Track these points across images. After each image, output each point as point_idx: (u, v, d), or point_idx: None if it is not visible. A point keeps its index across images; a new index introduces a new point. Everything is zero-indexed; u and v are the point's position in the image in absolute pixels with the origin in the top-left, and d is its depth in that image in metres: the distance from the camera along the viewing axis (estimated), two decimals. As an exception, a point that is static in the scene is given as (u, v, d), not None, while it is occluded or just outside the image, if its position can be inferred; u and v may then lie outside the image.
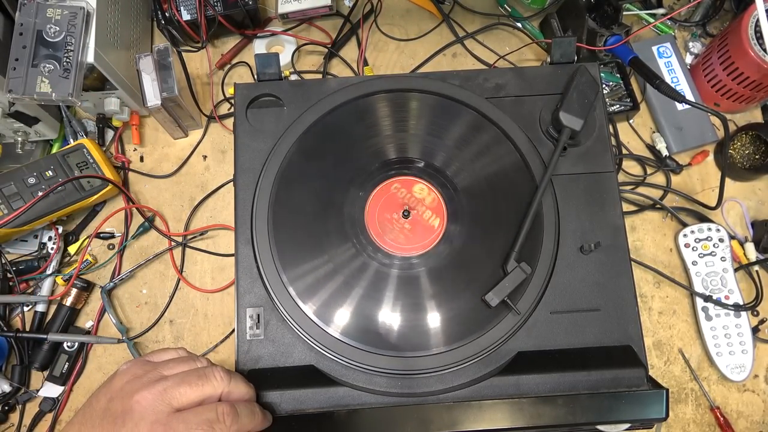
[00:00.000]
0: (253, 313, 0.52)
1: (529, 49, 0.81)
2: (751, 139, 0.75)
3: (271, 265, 0.53)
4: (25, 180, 0.67)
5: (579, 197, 0.55)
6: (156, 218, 0.73)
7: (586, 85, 0.55)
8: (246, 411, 0.44)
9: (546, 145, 0.57)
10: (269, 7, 0.82)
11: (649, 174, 0.75)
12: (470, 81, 0.59)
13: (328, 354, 0.51)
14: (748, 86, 0.71)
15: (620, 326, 0.52)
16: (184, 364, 0.45)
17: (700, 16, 0.80)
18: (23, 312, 0.69)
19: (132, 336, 0.69)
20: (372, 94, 0.58)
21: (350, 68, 0.79)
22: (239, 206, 0.55)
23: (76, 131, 0.73)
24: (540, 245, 0.53)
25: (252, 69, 0.79)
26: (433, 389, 0.50)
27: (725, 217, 0.74)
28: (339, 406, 0.49)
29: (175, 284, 0.71)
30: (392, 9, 0.82)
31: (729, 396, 0.69)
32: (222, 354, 0.69)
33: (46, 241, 0.71)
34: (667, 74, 0.77)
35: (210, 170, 0.75)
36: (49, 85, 0.59)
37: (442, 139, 0.57)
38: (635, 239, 0.73)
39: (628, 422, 0.48)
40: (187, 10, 0.74)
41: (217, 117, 0.76)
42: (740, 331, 0.68)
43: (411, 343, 0.51)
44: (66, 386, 0.68)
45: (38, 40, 0.59)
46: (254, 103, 0.58)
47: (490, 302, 0.50)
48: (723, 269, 0.70)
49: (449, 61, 0.81)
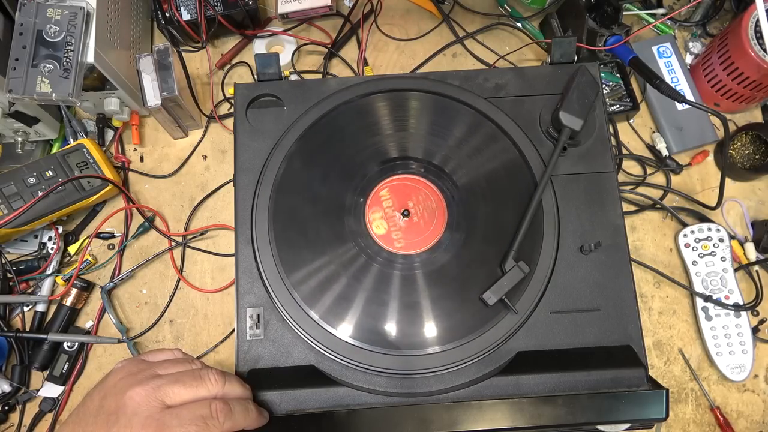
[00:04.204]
0: (253, 313, 0.52)
1: (529, 49, 0.81)
2: (751, 139, 0.75)
3: (271, 265, 0.53)
4: (25, 180, 0.67)
5: (579, 197, 0.55)
6: (156, 218, 0.73)
7: (586, 85, 0.55)
8: (240, 408, 0.44)
9: (546, 145, 0.57)
10: (269, 7, 0.82)
11: (649, 174, 0.75)
12: (470, 81, 0.59)
13: (328, 354, 0.51)
14: (748, 86, 0.71)
15: (620, 326, 0.52)
16: (179, 365, 0.46)
17: (700, 16, 0.80)
18: (23, 312, 0.69)
19: (132, 336, 0.69)
20: (372, 94, 0.58)
21: (350, 68, 0.79)
22: (239, 206, 0.55)
23: (76, 131, 0.73)
24: (540, 245, 0.53)
25: (252, 69, 0.79)
26: (433, 389, 0.50)
27: (725, 217, 0.74)
28: (339, 406, 0.49)
29: (175, 284, 0.71)
30: (392, 9, 0.82)
31: (729, 396, 0.69)
32: (222, 354, 0.69)
33: (46, 241, 0.71)
34: (667, 74, 0.77)
35: (210, 170, 0.75)
36: (49, 85, 0.59)
37: (443, 138, 0.57)
38: (635, 239, 0.73)
39: (628, 422, 0.48)
40: (187, 10, 0.74)
41: (217, 117, 0.76)
42: (740, 331, 0.68)
43: (411, 342, 0.51)
44: (66, 386, 0.68)
45: (38, 40, 0.59)
46: (254, 103, 0.58)
47: (488, 301, 0.50)
48: (723, 269, 0.70)
49: (449, 61, 0.81)
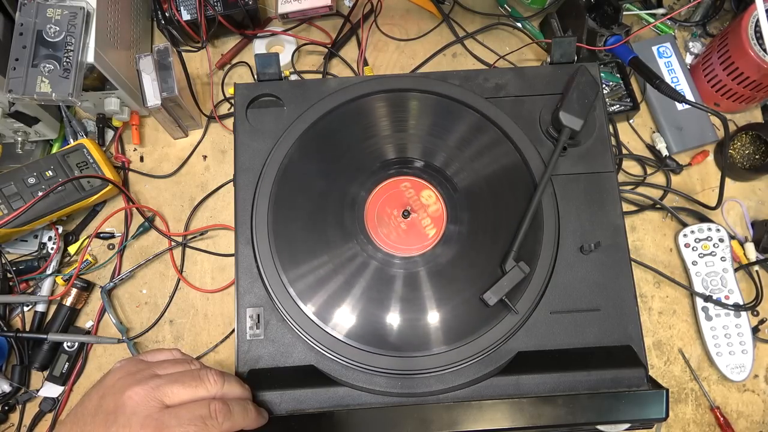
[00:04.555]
0: (253, 313, 0.52)
1: (529, 49, 0.81)
2: (751, 139, 0.75)
3: (271, 265, 0.53)
4: (25, 180, 0.67)
5: (579, 197, 0.55)
6: (156, 218, 0.73)
7: (586, 85, 0.55)
8: (239, 408, 0.44)
9: (546, 145, 0.57)
10: (269, 7, 0.82)
11: (649, 174, 0.75)
12: (470, 81, 0.59)
13: (328, 354, 0.51)
14: (748, 86, 0.71)
15: (620, 326, 0.52)
16: (178, 365, 0.46)
17: (700, 16, 0.80)
18: (23, 312, 0.69)
19: (132, 336, 0.69)
20: (372, 94, 0.58)
21: (350, 68, 0.79)
22: (239, 206, 0.55)
23: (76, 131, 0.73)
24: (540, 245, 0.53)
25: (252, 69, 0.79)
26: (433, 389, 0.50)
27: (725, 217, 0.74)
28: (339, 406, 0.49)
29: (175, 284, 0.71)
30: (392, 9, 0.82)
31: (729, 396, 0.69)
32: (222, 354, 0.69)
33: (46, 241, 0.71)
34: (667, 74, 0.77)
35: (210, 170, 0.75)
36: (49, 85, 0.59)
37: (442, 139, 0.57)
38: (635, 239, 0.73)
39: (628, 422, 0.48)
40: (187, 10, 0.74)
41: (217, 117, 0.76)
42: (740, 331, 0.68)
43: (411, 343, 0.51)
44: (66, 386, 0.68)
45: (38, 40, 0.59)
46: (254, 103, 0.58)
47: (488, 301, 0.50)
48: (723, 269, 0.70)
49: (449, 61, 0.81)
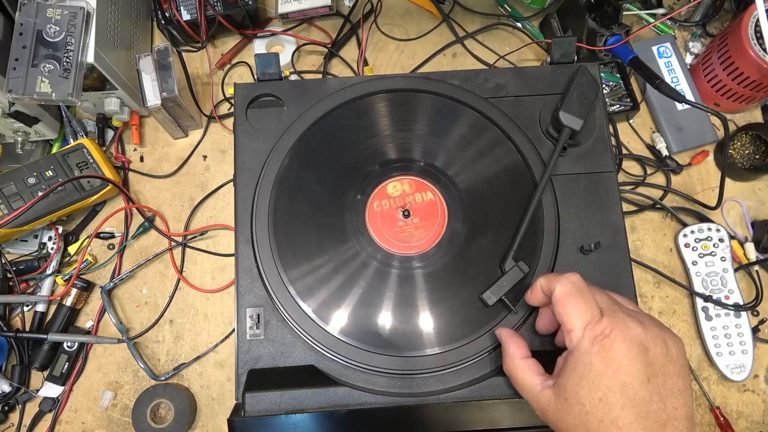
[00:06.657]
0: (253, 313, 0.52)
1: (529, 49, 0.81)
2: (751, 139, 0.75)
3: (271, 265, 0.53)
4: (25, 180, 0.67)
5: (579, 197, 0.55)
6: (156, 218, 0.73)
7: (586, 85, 0.55)
8: None
9: (546, 145, 0.57)
10: (269, 7, 0.82)
11: (649, 174, 0.75)
12: (470, 81, 0.59)
13: (328, 354, 0.51)
14: (748, 86, 0.71)
15: (620, 326, 0.52)
16: None
17: (700, 16, 0.80)
18: (23, 312, 0.69)
19: (132, 336, 0.69)
20: (372, 94, 0.58)
21: (350, 68, 0.79)
22: (239, 206, 0.55)
23: (76, 131, 0.73)
24: (540, 245, 0.53)
25: (252, 69, 0.79)
26: (433, 389, 0.50)
27: (725, 217, 0.74)
28: (339, 406, 0.49)
29: (175, 284, 0.71)
30: (392, 9, 0.82)
31: (729, 396, 0.69)
32: (222, 354, 0.69)
33: (46, 241, 0.71)
34: (667, 74, 0.77)
35: (210, 170, 0.75)
36: (49, 85, 0.59)
37: (442, 139, 0.57)
38: (635, 239, 0.73)
39: (628, 422, 0.48)
40: (187, 10, 0.74)
41: (217, 117, 0.76)
42: (740, 331, 0.68)
43: (411, 342, 0.51)
44: (66, 386, 0.68)
45: (38, 40, 0.59)
46: (254, 103, 0.58)
47: (487, 301, 0.50)
48: (723, 269, 0.70)
49: (449, 61, 0.81)
